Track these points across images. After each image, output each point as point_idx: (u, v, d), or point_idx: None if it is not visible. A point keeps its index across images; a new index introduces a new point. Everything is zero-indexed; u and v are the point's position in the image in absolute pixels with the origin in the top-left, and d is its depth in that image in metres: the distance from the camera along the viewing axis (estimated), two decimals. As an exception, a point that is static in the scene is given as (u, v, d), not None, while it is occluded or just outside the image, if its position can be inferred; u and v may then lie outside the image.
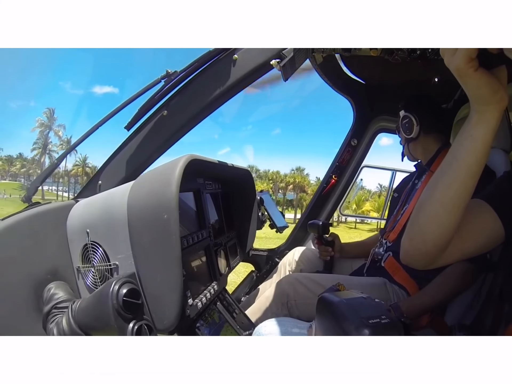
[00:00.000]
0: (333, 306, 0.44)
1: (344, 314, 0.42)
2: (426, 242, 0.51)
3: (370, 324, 0.39)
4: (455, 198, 0.47)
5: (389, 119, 1.56)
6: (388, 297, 1.02)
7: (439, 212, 0.49)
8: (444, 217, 0.49)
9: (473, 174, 0.46)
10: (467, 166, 0.45)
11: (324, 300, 0.47)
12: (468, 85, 0.42)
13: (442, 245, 0.51)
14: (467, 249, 0.55)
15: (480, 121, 0.44)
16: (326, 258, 1.26)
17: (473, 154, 0.45)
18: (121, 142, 0.91)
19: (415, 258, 0.55)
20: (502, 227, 0.53)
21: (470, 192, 0.47)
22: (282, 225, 1.52)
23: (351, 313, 0.41)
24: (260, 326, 0.71)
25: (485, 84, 0.41)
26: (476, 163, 0.45)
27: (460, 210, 0.48)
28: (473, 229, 0.54)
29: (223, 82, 0.86)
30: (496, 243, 0.56)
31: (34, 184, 0.82)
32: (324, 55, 1.20)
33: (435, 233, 0.50)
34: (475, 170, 0.46)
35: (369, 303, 0.44)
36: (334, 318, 0.43)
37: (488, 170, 0.98)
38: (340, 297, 0.46)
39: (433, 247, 0.51)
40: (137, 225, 0.58)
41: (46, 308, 0.56)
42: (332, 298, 0.45)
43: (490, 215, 0.53)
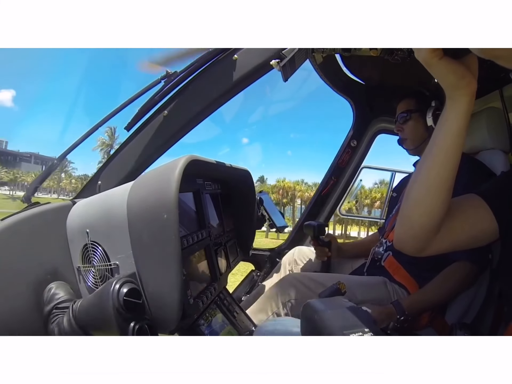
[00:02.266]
0: (316, 315, 0.43)
1: (325, 324, 0.41)
2: (413, 225, 0.54)
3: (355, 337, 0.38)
4: (437, 181, 0.50)
5: (389, 120, 1.56)
6: (389, 296, 1.02)
7: (422, 195, 0.52)
8: (427, 199, 0.51)
9: (451, 156, 0.49)
10: (444, 149, 0.49)
11: (308, 307, 0.46)
12: (435, 74, 0.46)
13: (430, 228, 0.53)
14: (458, 241, 0.56)
15: (452, 105, 0.47)
16: (323, 259, 1.26)
17: (448, 137, 0.48)
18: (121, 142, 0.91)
19: (405, 243, 0.58)
20: (495, 223, 0.54)
21: (451, 175, 0.50)
22: (282, 224, 1.52)
23: (332, 324, 0.40)
24: (261, 326, 0.71)
25: (450, 71, 0.44)
26: (452, 146, 0.48)
27: (442, 193, 0.51)
28: (465, 221, 0.56)
29: (223, 83, 0.86)
30: (490, 239, 0.57)
31: (34, 184, 0.82)
32: (324, 55, 1.21)
33: (421, 216, 0.52)
34: (452, 152, 0.49)
35: (354, 315, 0.43)
36: (315, 327, 0.42)
37: (487, 171, 0.99)
38: (326, 305, 0.45)
39: (420, 231, 0.53)
40: (137, 225, 0.58)
41: (47, 309, 0.56)
42: (317, 306, 0.44)
43: (484, 210, 0.55)
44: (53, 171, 0.88)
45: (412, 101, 1.13)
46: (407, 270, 1.02)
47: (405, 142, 1.16)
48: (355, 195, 2.61)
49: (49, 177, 0.87)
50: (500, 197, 0.56)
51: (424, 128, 1.10)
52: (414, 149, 1.15)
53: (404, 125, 1.14)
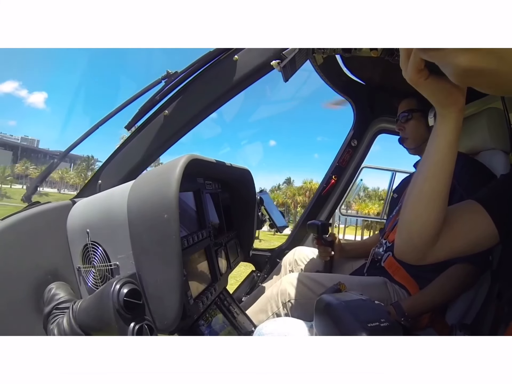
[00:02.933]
0: (331, 308, 0.43)
1: (342, 316, 0.41)
2: (412, 236, 0.55)
3: (368, 327, 0.39)
4: (431, 193, 0.51)
5: (389, 120, 1.56)
6: (389, 297, 1.02)
7: (418, 207, 0.53)
8: (424, 212, 0.52)
9: (443, 169, 0.50)
10: (436, 162, 0.50)
11: (322, 301, 0.46)
12: (423, 92, 0.47)
13: (428, 239, 0.54)
14: (458, 248, 0.57)
15: (442, 121, 0.49)
16: (326, 259, 1.26)
17: (439, 151, 0.50)
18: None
19: (405, 252, 0.58)
20: (495, 228, 0.55)
21: (445, 186, 0.51)
22: (282, 224, 1.52)
23: (349, 316, 0.41)
24: (261, 326, 0.71)
25: (437, 90, 0.46)
26: (443, 159, 0.50)
27: (437, 204, 0.51)
28: (464, 228, 0.56)
29: (223, 83, 0.86)
30: (490, 244, 0.57)
31: (34, 183, 0.82)
32: (325, 56, 1.20)
33: (418, 226, 0.53)
34: (444, 165, 0.50)
35: (368, 306, 0.44)
36: (332, 320, 0.42)
37: (489, 173, 0.98)
38: (339, 299, 0.45)
39: (419, 241, 0.54)
40: (137, 225, 0.58)
41: (47, 309, 0.56)
42: (331, 300, 0.45)
43: (483, 216, 0.55)
44: (53, 170, 0.88)
45: (414, 101, 1.13)
46: (407, 270, 1.02)
47: (406, 141, 1.16)
48: (356, 194, 2.62)
49: (48, 176, 0.87)
50: (499, 202, 0.56)
51: (425, 128, 1.10)
52: (415, 148, 1.15)
53: (406, 124, 1.14)
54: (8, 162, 36.18)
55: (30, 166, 50.92)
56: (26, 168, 50.20)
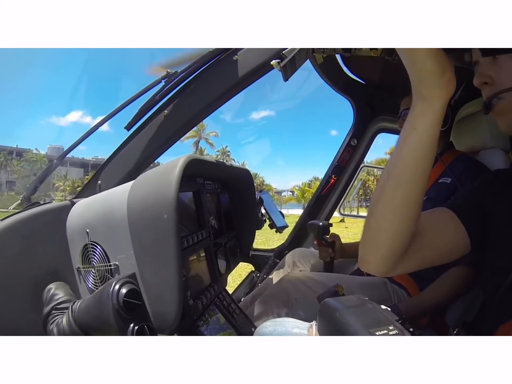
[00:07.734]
0: (337, 314, 0.41)
1: (349, 323, 0.39)
2: (379, 246, 0.47)
3: (377, 336, 0.37)
4: (403, 202, 0.42)
5: (389, 119, 1.56)
6: (389, 297, 1.02)
7: (388, 217, 0.44)
8: (394, 222, 0.44)
9: (420, 175, 0.41)
10: (413, 164, 0.40)
11: (327, 306, 0.44)
12: (416, 56, 0.37)
13: (398, 250, 0.47)
14: (429, 258, 0.52)
15: (425, 109, 0.38)
16: (326, 259, 1.26)
17: (418, 150, 0.39)
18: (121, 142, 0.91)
19: (371, 264, 0.50)
20: (467, 236, 0.51)
21: (421, 193, 0.43)
22: (282, 225, 1.52)
23: (356, 323, 0.39)
24: (261, 326, 0.71)
25: (433, 56, 0.36)
26: (421, 161, 0.40)
27: (412, 214, 0.44)
28: (436, 237, 0.51)
29: (223, 83, 0.86)
30: (461, 253, 0.54)
31: (33, 183, 0.82)
32: (325, 56, 1.21)
33: (388, 238, 0.45)
34: (421, 170, 0.41)
35: (375, 312, 0.42)
36: (337, 326, 0.40)
37: (486, 171, 0.98)
38: (344, 303, 0.44)
39: (388, 252, 0.47)
40: (137, 225, 0.58)
41: (46, 309, 0.56)
42: (337, 305, 0.42)
43: (455, 224, 0.51)
44: (52, 171, 0.88)
45: None
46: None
47: None
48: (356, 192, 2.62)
49: (48, 176, 0.87)
50: (470, 208, 0.53)
51: None
52: None
53: None
54: (80, 175, 41.90)
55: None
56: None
